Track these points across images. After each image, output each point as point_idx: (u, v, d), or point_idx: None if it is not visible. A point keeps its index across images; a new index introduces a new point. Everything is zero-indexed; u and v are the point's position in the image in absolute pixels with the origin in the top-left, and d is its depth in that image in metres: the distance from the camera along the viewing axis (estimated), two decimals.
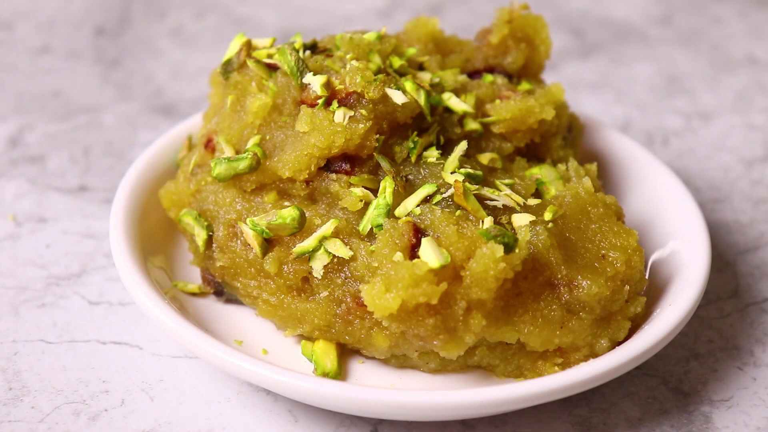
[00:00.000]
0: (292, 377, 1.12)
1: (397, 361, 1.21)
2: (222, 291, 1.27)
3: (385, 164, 1.22)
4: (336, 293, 1.19)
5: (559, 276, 1.17)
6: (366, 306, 1.14)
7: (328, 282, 1.19)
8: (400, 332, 1.15)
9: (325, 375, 1.19)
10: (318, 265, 1.20)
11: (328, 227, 1.20)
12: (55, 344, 1.27)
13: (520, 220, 1.18)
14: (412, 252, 1.14)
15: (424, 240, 1.13)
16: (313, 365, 1.20)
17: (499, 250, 1.12)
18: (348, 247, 1.19)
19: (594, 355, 1.18)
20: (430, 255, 1.12)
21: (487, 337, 1.16)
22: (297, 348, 1.23)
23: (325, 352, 1.20)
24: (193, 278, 1.31)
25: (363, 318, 1.17)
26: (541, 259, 1.16)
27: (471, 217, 1.17)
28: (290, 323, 1.23)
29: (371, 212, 1.19)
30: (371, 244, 1.17)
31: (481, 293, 1.12)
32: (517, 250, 1.13)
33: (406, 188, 1.22)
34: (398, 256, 1.13)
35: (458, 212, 1.17)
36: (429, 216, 1.16)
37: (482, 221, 1.16)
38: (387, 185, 1.20)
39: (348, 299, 1.18)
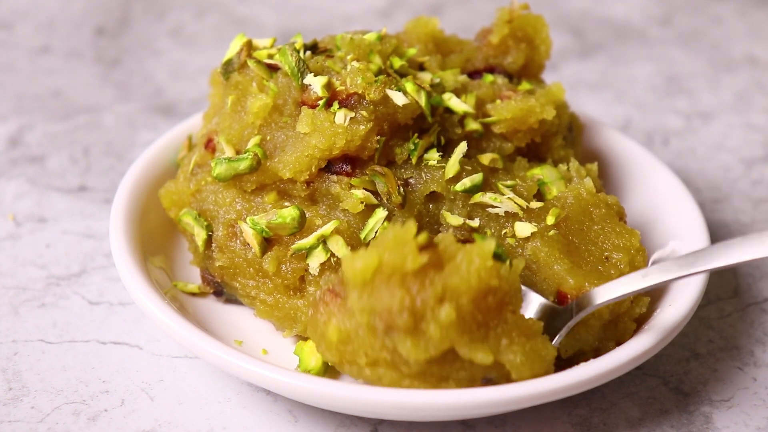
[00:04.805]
0: (292, 377, 1.12)
1: None
2: (222, 291, 1.27)
3: (380, 185, 1.22)
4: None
5: (567, 289, 1.17)
6: (335, 293, 1.12)
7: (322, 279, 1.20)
8: (356, 326, 1.10)
9: (307, 372, 1.18)
10: (315, 263, 1.20)
11: (329, 227, 1.20)
12: (55, 344, 1.27)
13: (523, 230, 1.19)
14: None
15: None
16: (298, 361, 1.20)
17: (491, 244, 1.09)
18: (350, 247, 1.19)
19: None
20: (422, 232, 1.09)
21: (460, 350, 1.09)
22: None
23: (313, 350, 1.20)
24: (193, 278, 1.31)
25: (327, 304, 1.13)
26: (544, 272, 1.16)
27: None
28: (287, 323, 1.23)
29: (374, 223, 1.20)
30: None
31: (461, 284, 1.07)
32: (507, 264, 1.11)
33: (406, 194, 1.22)
34: None
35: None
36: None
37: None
38: (380, 213, 1.20)
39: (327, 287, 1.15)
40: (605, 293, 1.14)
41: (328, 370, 1.20)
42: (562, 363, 1.17)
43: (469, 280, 1.07)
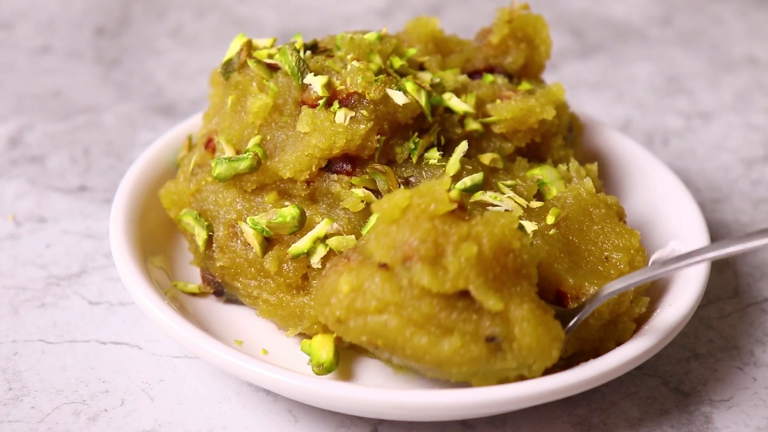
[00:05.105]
0: (292, 377, 1.12)
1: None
2: (222, 291, 1.27)
3: (381, 183, 1.22)
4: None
5: (566, 288, 1.17)
6: (348, 257, 1.12)
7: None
8: (370, 273, 1.10)
9: (320, 365, 1.18)
10: (315, 258, 1.20)
11: (321, 228, 1.20)
12: (55, 344, 1.27)
13: (524, 228, 1.19)
14: None
15: None
16: (309, 357, 1.20)
17: (518, 212, 1.12)
18: (353, 236, 1.19)
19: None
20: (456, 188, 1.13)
21: (474, 290, 1.09)
22: (297, 348, 1.23)
23: (322, 345, 1.20)
24: (193, 278, 1.31)
25: (339, 267, 1.13)
26: (544, 270, 1.17)
27: None
28: (290, 322, 1.23)
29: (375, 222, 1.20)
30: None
31: (485, 231, 1.10)
32: (530, 237, 1.14)
33: None
34: None
35: None
36: None
37: None
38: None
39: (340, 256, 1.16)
40: (613, 285, 1.14)
41: (340, 361, 1.20)
42: (562, 363, 1.17)
43: (493, 230, 1.10)
